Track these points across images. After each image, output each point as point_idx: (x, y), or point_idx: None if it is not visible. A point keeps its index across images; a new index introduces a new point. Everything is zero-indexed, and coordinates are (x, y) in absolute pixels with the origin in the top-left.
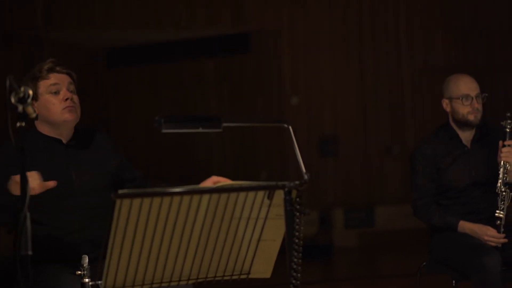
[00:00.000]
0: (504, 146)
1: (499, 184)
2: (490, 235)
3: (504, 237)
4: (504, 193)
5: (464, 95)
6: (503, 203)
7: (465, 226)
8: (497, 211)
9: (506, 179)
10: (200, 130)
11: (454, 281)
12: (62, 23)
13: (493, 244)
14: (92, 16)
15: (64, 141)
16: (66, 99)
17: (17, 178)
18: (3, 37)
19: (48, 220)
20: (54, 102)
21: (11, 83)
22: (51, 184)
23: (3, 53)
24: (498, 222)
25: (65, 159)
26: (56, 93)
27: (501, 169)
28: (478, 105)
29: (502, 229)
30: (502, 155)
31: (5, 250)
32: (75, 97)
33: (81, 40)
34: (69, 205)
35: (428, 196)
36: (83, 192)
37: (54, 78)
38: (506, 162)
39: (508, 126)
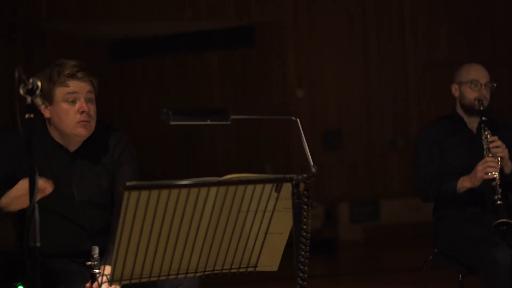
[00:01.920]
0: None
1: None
2: (482, 165)
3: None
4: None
5: (473, 80)
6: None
7: (464, 181)
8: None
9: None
10: (208, 122)
11: (460, 275)
12: (66, 16)
13: (491, 169)
14: (96, 9)
15: (71, 150)
16: (82, 112)
17: (25, 186)
18: (6, 29)
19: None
20: (69, 112)
21: (20, 75)
22: (50, 189)
23: (7, 45)
24: (494, 183)
25: (68, 171)
26: (73, 101)
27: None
28: (485, 93)
29: (499, 190)
30: (494, 150)
31: (10, 242)
32: (92, 108)
33: (85, 33)
34: (66, 216)
35: (429, 177)
36: (81, 205)
37: (73, 86)
38: (502, 156)
39: (481, 107)
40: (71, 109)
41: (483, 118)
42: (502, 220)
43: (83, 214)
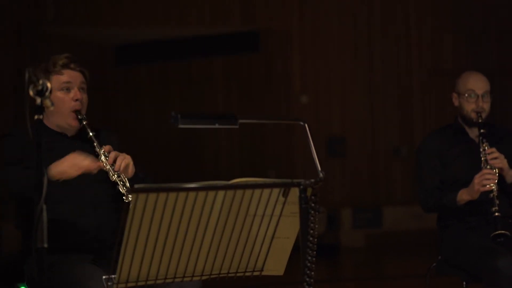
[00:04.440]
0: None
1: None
2: (479, 177)
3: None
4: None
5: (470, 91)
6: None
7: (462, 194)
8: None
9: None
10: (217, 126)
11: (464, 283)
12: (71, 20)
13: (488, 181)
14: (101, 13)
15: (69, 135)
16: (76, 100)
17: (76, 160)
18: (12, 32)
19: (53, 208)
20: (64, 100)
21: (30, 76)
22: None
23: (13, 48)
24: (492, 195)
25: (71, 150)
26: (68, 90)
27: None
28: (483, 104)
29: (496, 201)
30: (492, 161)
31: (12, 244)
32: (85, 97)
33: (90, 36)
34: (74, 193)
35: (431, 189)
36: (88, 181)
37: (67, 75)
38: (500, 167)
39: (480, 119)
40: (66, 97)
41: (482, 131)
42: (499, 232)
43: (87, 188)
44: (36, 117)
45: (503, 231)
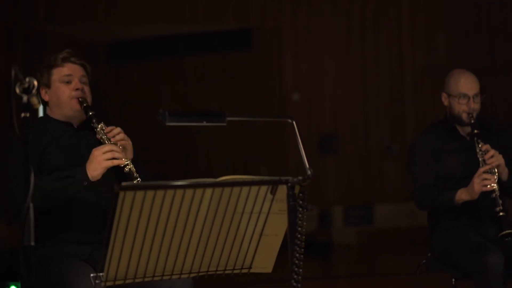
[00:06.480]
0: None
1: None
2: (478, 178)
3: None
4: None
5: (461, 94)
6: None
7: (461, 194)
8: (493, 185)
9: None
10: (205, 123)
11: (453, 280)
12: (64, 17)
13: (489, 182)
14: (93, 10)
15: (75, 126)
16: (77, 89)
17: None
18: (5, 30)
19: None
20: (65, 90)
21: (16, 74)
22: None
23: (5, 45)
24: (494, 195)
25: (76, 140)
26: (68, 82)
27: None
28: (474, 105)
29: (500, 201)
30: (490, 160)
31: (3, 241)
32: (86, 88)
33: (82, 34)
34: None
35: (426, 186)
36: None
37: (68, 68)
38: (498, 164)
39: (472, 119)
40: (67, 88)
41: (475, 131)
42: (506, 232)
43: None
44: (23, 114)
45: (511, 231)
